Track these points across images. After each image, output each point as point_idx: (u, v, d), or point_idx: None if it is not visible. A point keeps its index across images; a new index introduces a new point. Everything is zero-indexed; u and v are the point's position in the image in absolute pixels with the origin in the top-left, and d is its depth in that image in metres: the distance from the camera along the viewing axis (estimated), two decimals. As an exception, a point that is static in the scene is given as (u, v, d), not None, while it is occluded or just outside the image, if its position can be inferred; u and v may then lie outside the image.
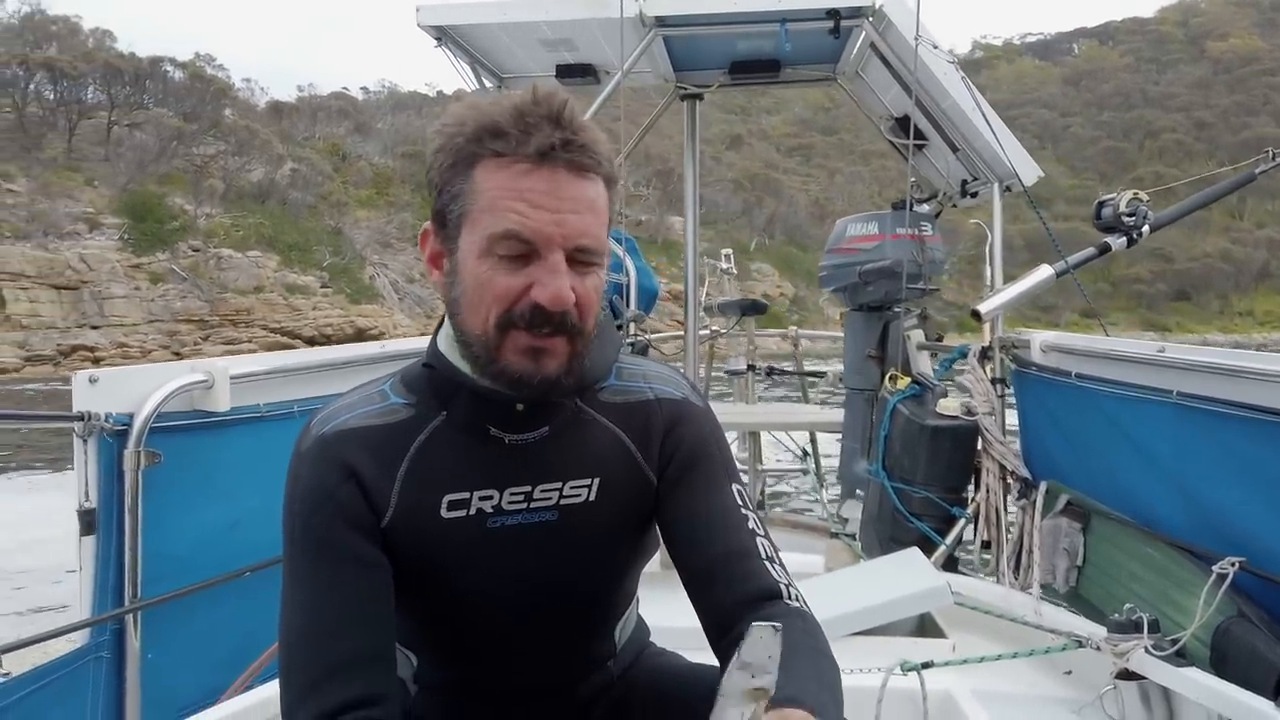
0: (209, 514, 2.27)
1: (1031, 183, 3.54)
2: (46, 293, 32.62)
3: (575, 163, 1.00)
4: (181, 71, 45.57)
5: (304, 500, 1.07)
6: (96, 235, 35.17)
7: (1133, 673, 2.05)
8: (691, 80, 4.31)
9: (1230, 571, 2.09)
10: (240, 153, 43.00)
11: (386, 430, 1.10)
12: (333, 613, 1.04)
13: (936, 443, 3.27)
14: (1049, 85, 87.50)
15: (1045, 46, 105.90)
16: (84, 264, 33.40)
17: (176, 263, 35.38)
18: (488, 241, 1.00)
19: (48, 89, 41.47)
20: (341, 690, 1.01)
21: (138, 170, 38.37)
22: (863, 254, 3.93)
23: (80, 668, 1.97)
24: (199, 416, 2.20)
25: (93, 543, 2.02)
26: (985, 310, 3.20)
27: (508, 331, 1.01)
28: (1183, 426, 2.39)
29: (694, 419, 1.20)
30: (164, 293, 34.58)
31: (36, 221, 33.33)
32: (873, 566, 3.08)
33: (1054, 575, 2.89)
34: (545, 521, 1.13)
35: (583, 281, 1.02)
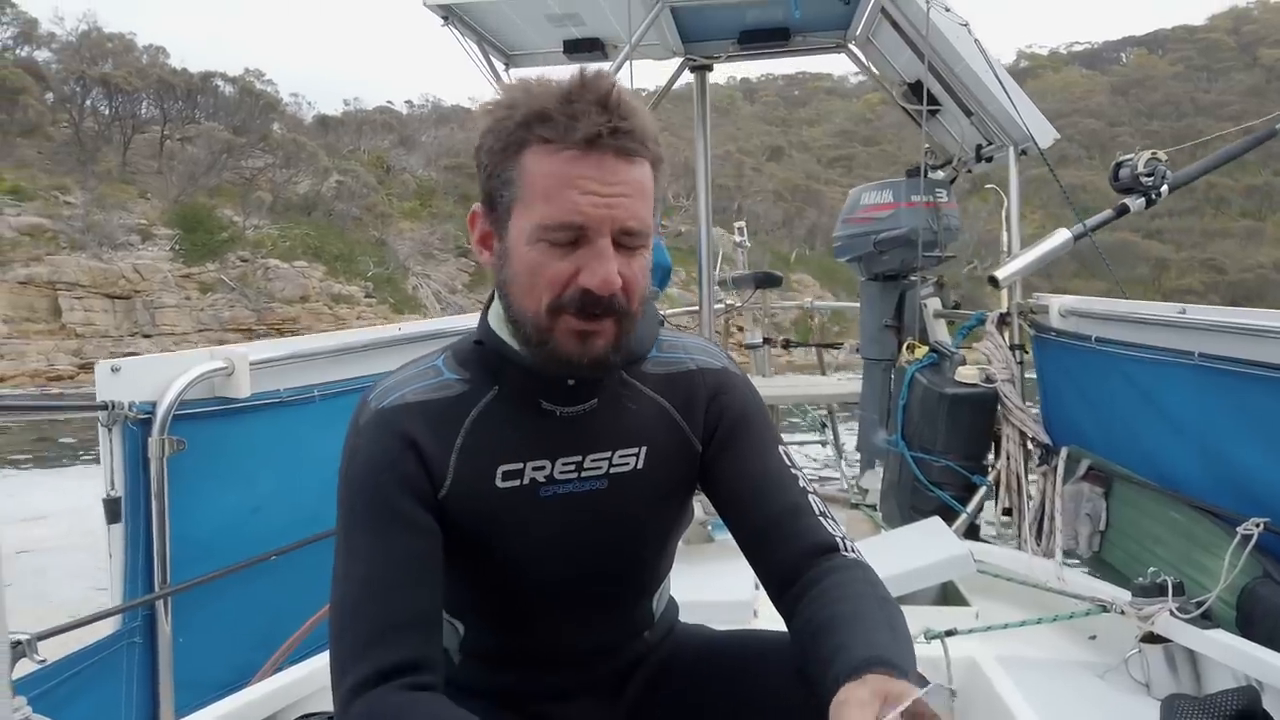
0: (232, 499, 2.29)
1: (1048, 145, 3.50)
2: (101, 302, 33.32)
3: (623, 148, 1.02)
4: (232, 86, 46.39)
5: (365, 468, 1.10)
6: (149, 246, 35.98)
7: (1158, 636, 2.05)
8: (700, 51, 4.27)
9: (1255, 532, 2.08)
10: (288, 165, 43.75)
11: (442, 404, 1.14)
12: (388, 576, 1.06)
13: (956, 411, 3.25)
14: (1097, 94, 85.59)
15: (1093, 55, 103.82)
16: (137, 274, 34.15)
17: (225, 273, 36.01)
18: (538, 229, 1.02)
19: (103, 104, 42.47)
20: (391, 652, 1.03)
21: (189, 183, 39.24)
22: (877, 223, 3.90)
23: (114, 653, 2.01)
24: (221, 403, 2.22)
25: (120, 530, 2.04)
26: (1003, 276, 3.17)
27: (559, 315, 1.04)
28: (1204, 388, 2.37)
29: (736, 387, 1.24)
30: (213, 302, 35.23)
31: (92, 233, 34.13)
32: (894, 536, 3.08)
33: (1076, 541, 2.88)
34: (595, 490, 1.16)
35: (629, 264, 1.04)
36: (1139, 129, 70.99)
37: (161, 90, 43.26)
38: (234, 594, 2.26)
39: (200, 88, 44.58)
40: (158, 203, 38.15)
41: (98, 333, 32.77)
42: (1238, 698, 1.76)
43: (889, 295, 4.00)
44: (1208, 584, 2.15)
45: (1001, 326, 3.37)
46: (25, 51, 45.01)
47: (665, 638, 1.34)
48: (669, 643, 1.34)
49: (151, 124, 43.52)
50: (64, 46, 47.53)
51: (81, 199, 35.76)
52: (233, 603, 2.26)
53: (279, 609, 2.29)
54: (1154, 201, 3.24)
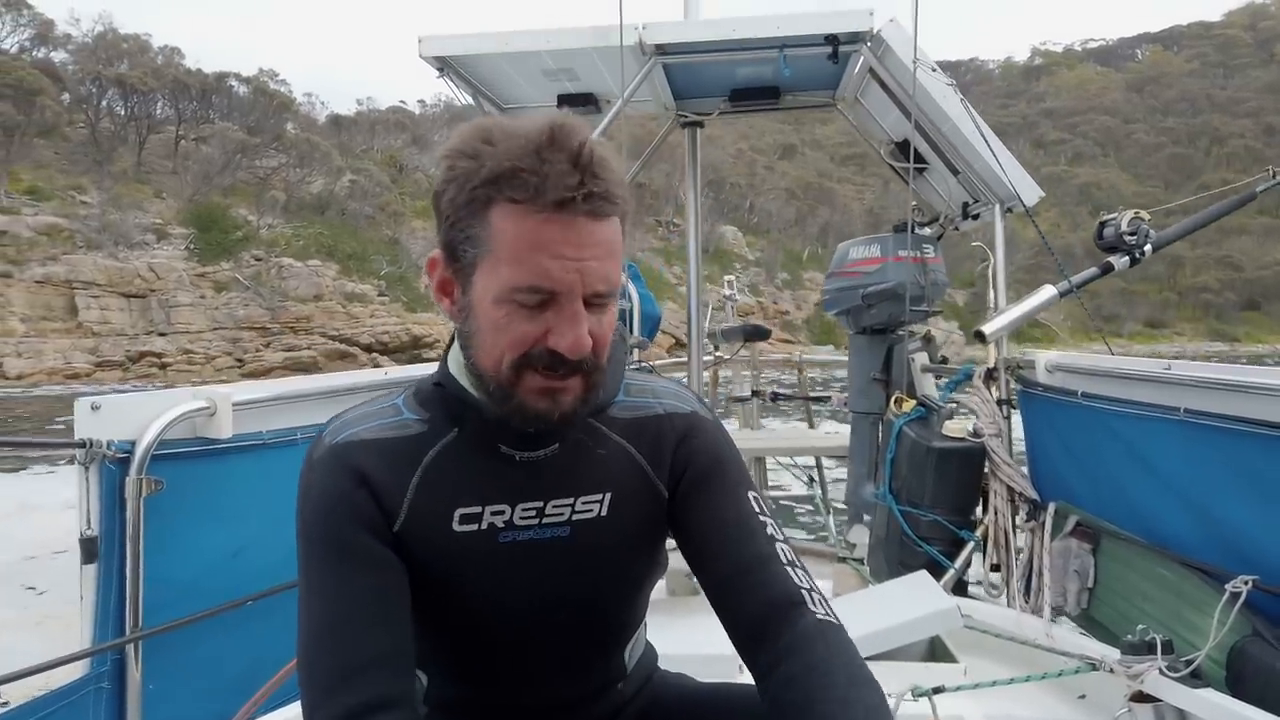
0: (212, 541, 2.25)
1: (1033, 203, 3.55)
2: (116, 300, 33.68)
3: (595, 210, 0.99)
4: (246, 87, 47.03)
5: (317, 504, 1.08)
6: (164, 245, 36.44)
7: (1147, 695, 2.02)
8: (692, 108, 4.34)
9: (1244, 590, 2.06)
10: (301, 165, 44.32)
11: (399, 442, 1.12)
12: (349, 614, 1.04)
13: (943, 465, 3.25)
14: (1111, 92, 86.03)
15: (1107, 52, 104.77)
16: (152, 273, 34.58)
17: (240, 272, 36.34)
18: (507, 289, 1.00)
19: (119, 104, 42.88)
20: (358, 692, 1.00)
21: (203, 182, 39.79)
22: (865, 277, 3.93)
23: (80, 699, 1.95)
24: (201, 444, 2.20)
25: (94, 571, 2.00)
26: (989, 331, 3.19)
27: (523, 372, 1.02)
28: (1191, 443, 2.37)
29: (705, 431, 1.21)
30: (228, 301, 35.48)
31: (108, 232, 34.69)
32: (882, 590, 3.05)
33: (1065, 597, 2.86)
34: (558, 537, 1.13)
35: (599, 321, 1.03)
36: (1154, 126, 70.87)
37: (176, 90, 44.06)
38: (209, 639, 2.21)
39: (215, 88, 45.34)
40: (173, 202, 38.81)
41: (114, 331, 33.00)
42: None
43: (877, 349, 4.02)
44: (1197, 642, 2.13)
45: (989, 381, 3.38)
46: (42, 53, 46.06)
47: (641, 689, 1.30)
48: (645, 694, 1.30)
49: (166, 124, 44.34)
50: (80, 47, 48.49)
51: (97, 199, 36.60)
52: (208, 648, 2.21)
53: (256, 656, 2.24)
54: (1137, 260, 3.29)
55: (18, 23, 45.09)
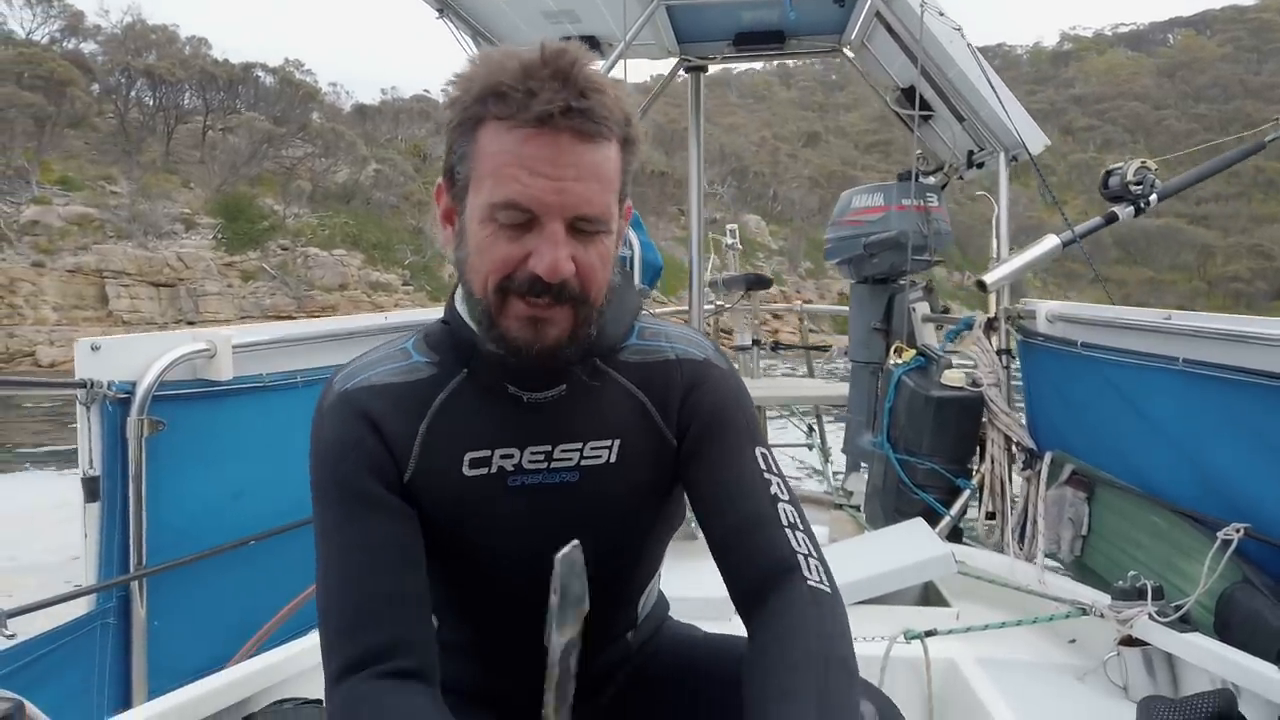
0: (213, 483, 2.27)
1: (1038, 151, 3.51)
2: (146, 289, 33.96)
3: (580, 129, 0.97)
4: (272, 76, 46.98)
5: (329, 452, 1.08)
6: (192, 235, 36.62)
7: (1136, 639, 2.05)
8: (695, 52, 4.27)
9: (1235, 538, 2.08)
10: (327, 154, 44.43)
11: (409, 387, 1.11)
12: (364, 561, 1.04)
13: (941, 414, 3.26)
14: (1142, 77, 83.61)
15: (1138, 37, 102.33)
16: (180, 262, 34.82)
17: (266, 261, 36.55)
18: (489, 208, 0.99)
19: (147, 95, 43.03)
20: (373, 636, 1.01)
21: (230, 172, 39.93)
22: (867, 225, 3.91)
23: (86, 634, 1.98)
24: (202, 385, 2.20)
25: (97, 510, 2.02)
26: (991, 280, 3.18)
27: (507, 297, 1.01)
28: (1188, 393, 2.38)
29: (714, 381, 1.17)
30: (254, 290, 35.71)
31: (137, 222, 34.70)
32: (877, 537, 3.08)
33: (1059, 545, 2.89)
34: (566, 482, 1.12)
35: (585, 250, 1.00)
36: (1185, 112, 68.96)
37: (204, 81, 44.05)
38: (212, 579, 2.24)
39: (241, 78, 45.28)
40: (200, 192, 38.93)
41: (143, 320, 33.40)
42: (1214, 700, 1.77)
43: (878, 299, 4.00)
44: (1187, 588, 2.16)
45: (989, 331, 3.38)
46: (72, 44, 46.13)
47: (650, 639, 1.30)
48: (651, 645, 1.30)
49: (194, 114, 44.28)
50: (109, 38, 48.48)
51: (127, 189, 36.44)
52: (211, 587, 2.24)
53: (258, 595, 2.27)
54: (1142, 210, 3.26)
55: (48, 14, 45.18)
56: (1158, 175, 3.22)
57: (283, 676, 1.82)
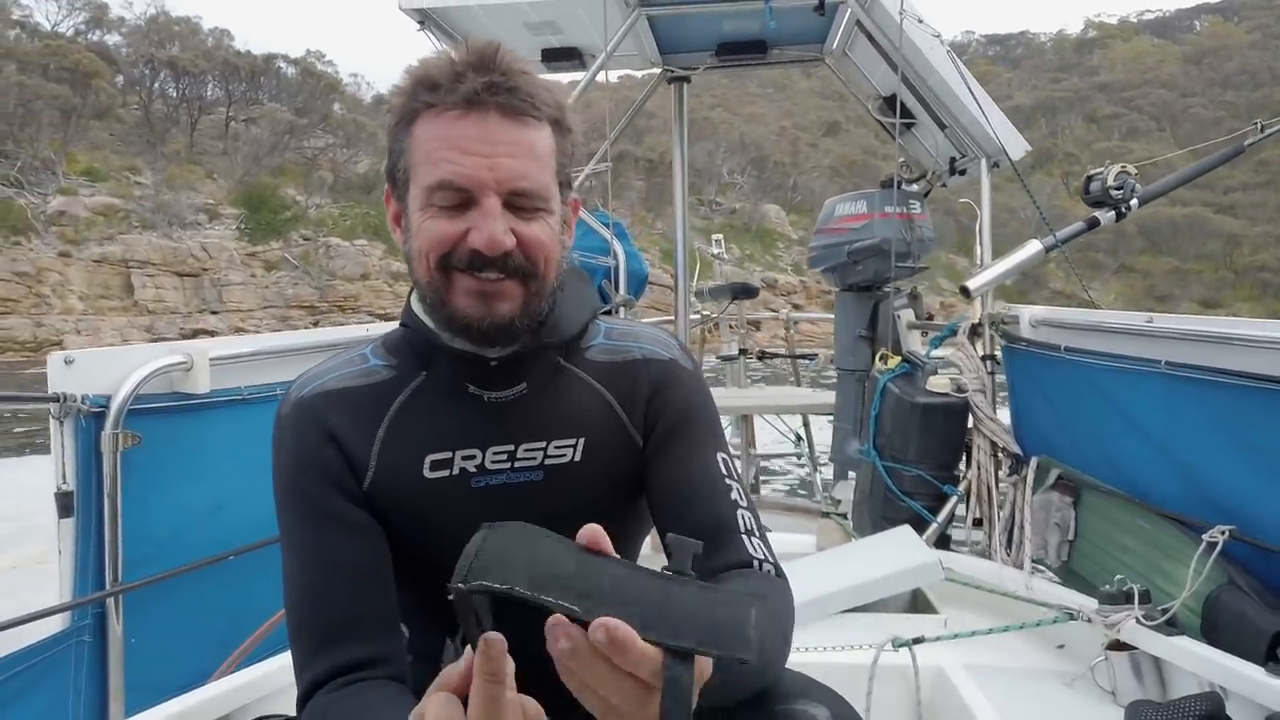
0: (191, 497, 2.24)
1: (1018, 157, 3.52)
2: (171, 279, 34.23)
3: (507, 105, 0.99)
4: (294, 68, 47.17)
5: (288, 466, 1.08)
6: (216, 225, 37.02)
7: (1124, 643, 2.05)
8: (678, 62, 4.29)
9: (1220, 540, 2.08)
10: (348, 145, 44.71)
11: (366, 391, 1.10)
12: (327, 577, 1.04)
13: (927, 420, 3.26)
14: (1168, 64, 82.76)
15: (1164, 24, 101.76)
16: (204, 252, 35.14)
17: (289, 251, 36.77)
18: (426, 193, 1.00)
19: (171, 86, 43.24)
20: (339, 654, 1.01)
21: (253, 163, 40.26)
22: (851, 233, 3.92)
23: (61, 652, 1.95)
24: (179, 399, 2.18)
25: (71, 525, 1.99)
26: (974, 286, 3.18)
27: (450, 274, 1.01)
28: (1171, 396, 2.38)
29: (680, 381, 1.17)
30: (277, 280, 35.91)
31: (161, 212, 35.34)
32: (865, 545, 3.06)
33: (1046, 550, 2.88)
34: (531, 482, 1.10)
35: (527, 226, 1.01)
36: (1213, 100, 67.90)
37: (226, 72, 44.60)
38: (190, 595, 2.21)
39: (263, 69, 45.64)
40: (224, 183, 39.44)
41: (168, 309, 33.59)
42: (1202, 703, 1.76)
43: (863, 306, 4.01)
44: (1174, 592, 2.16)
45: (973, 337, 3.38)
46: (96, 36, 46.40)
47: None
48: None
49: (217, 105, 44.90)
50: (133, 30, 49.14)
51: (151, 179, 37.19)
52: (189, 604, 2.21)
53: (237, 612, 2.24)
54: (1123, 215, 3.27)
55: (73, 6, 45.73)
56: (1138, 180, 3.23)
57: (262, 693, 1.80)
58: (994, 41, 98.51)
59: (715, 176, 48.22)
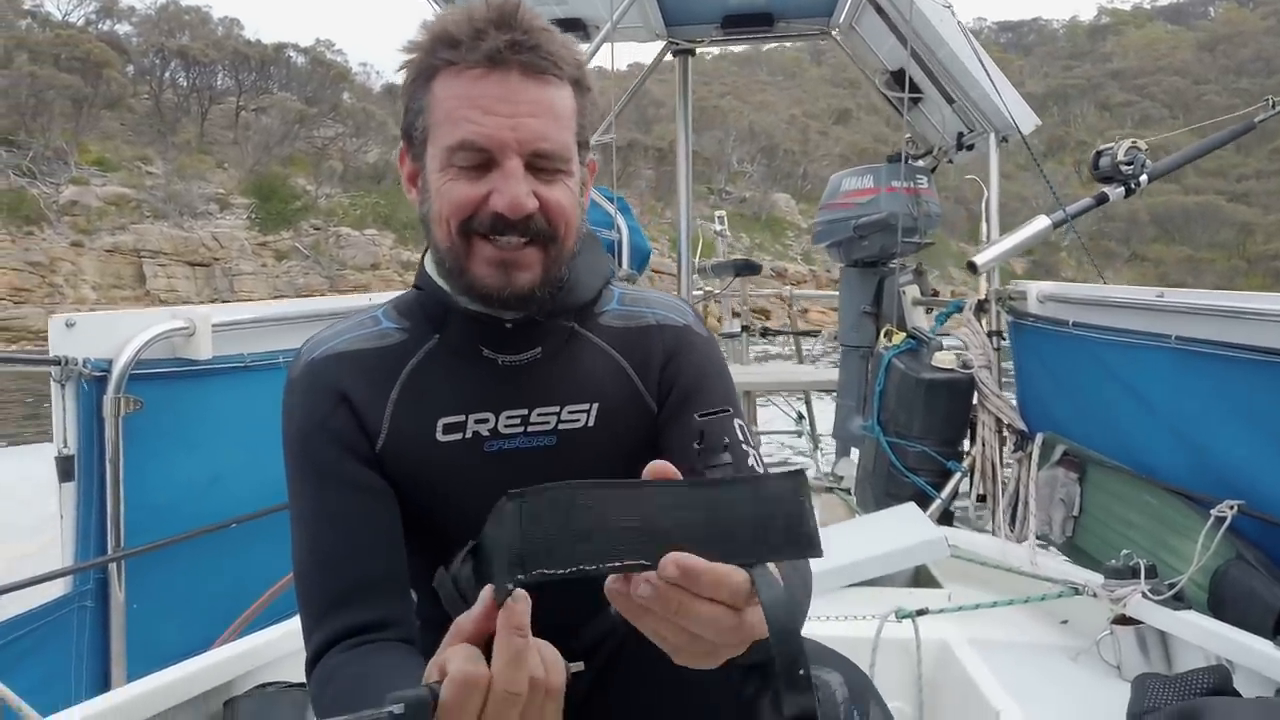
0: (193, 464, 2.23)
1: (1029, 130, 3.49)
2: (182, 269, 34.44)
3: (529, 64, 0.97)
4: (303, 57, 47.29)
5: (299, 428, 1.06)
6: (227, 215, 37.13)
7: (1129, 618, 2.04)
8: (683, 35, 4.24)
9: (1229, 515, 2.07)
10: (358, 134, 44.93)
11: (378, 353, 1.09)
12: (337, 541, 1.03)
13: (932, 396, 3.24)
14: (1182, 51, 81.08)
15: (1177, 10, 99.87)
16: (215, 242, 35.35)
17: (299, 241, 36.98)
18: (446, 153, 0.98)
19: (181, 76, 43.47)
20: (349, 616, 1.00)
21: (263, 153, 40.39)
22: (857, 208, 3.88)
23: (63, 616, 1.94)
24: (181, 364, 2.16)
25: (73, 490, 1.98)
26: (981, 262, 3.16)
27: (471, 240, 0.99)
28: (1181, 371, 2.36)
29: (695, 348, 1.16)
30: (288, 269, 36.10)
31: (173, 202, 35.09)
32: (869, 521, 3.05)
33: (1050, 526, 2.88)
34: (544, 447, 1.09)
35: (548, 189, 0.99)
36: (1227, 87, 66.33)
37: (236, 61, 44.62)
38: (193, 561, 2.20)
39: (273, 58, 45.64)
40: (234, 172, 39.59)
41: (180, 299, 34.11)
42: (1209, 676, 1.75)
43: (868, 282, 3.98)
44: (1180, 567, 2.15)
45: (979, 313, 3.36)
46: (107, 25, 46.59)
47: None
48: None
49: (227, 95, 44.73)
50: (143, 20, 49.50)
51: (162, 169, 36.89)
52: (192, 570, 2.20)
53: (241, 579, 2.24)
54: (1133, 191, 3.25)
55: None
56: (1148, 155, 3.20)
57: (265, 660, 1.79)
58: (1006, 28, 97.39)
59: (724, 165, 47.93)
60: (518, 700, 0.69)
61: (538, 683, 0.71)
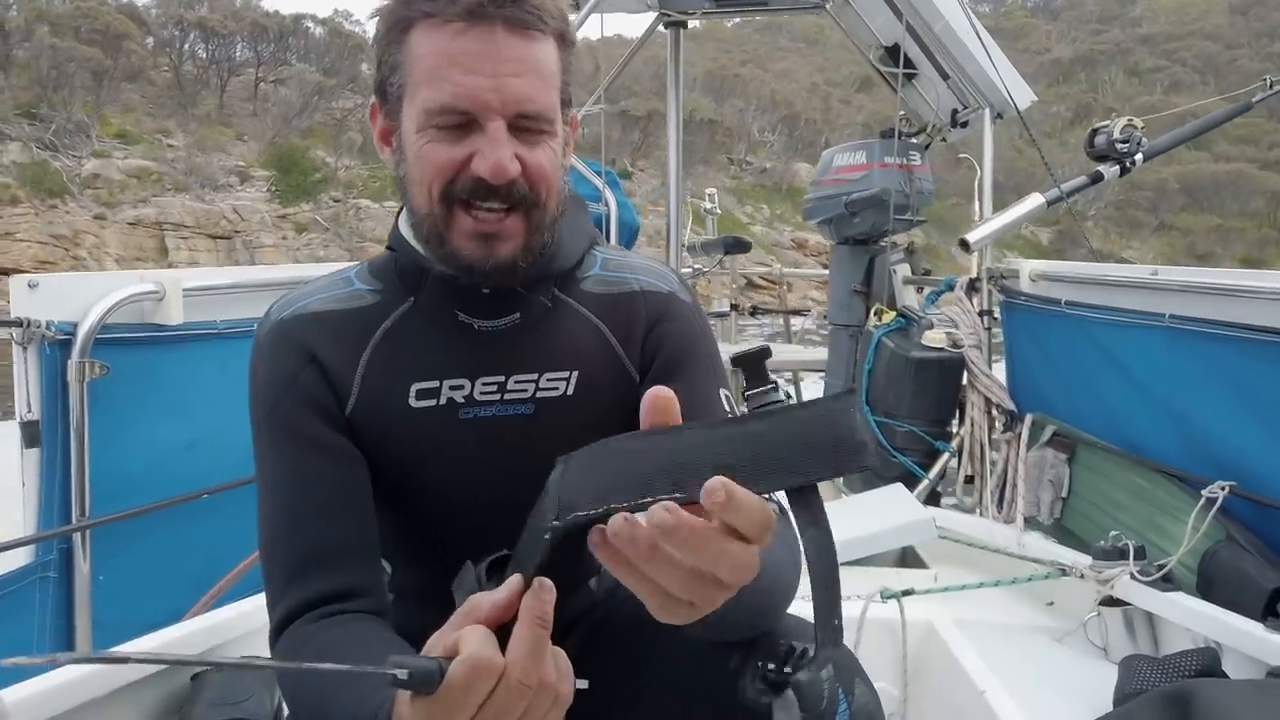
0: (164, 433, 2.17)
1: (1025, 107, 3.44)
2: (204, 241, 34.64)
3: (513, 18, 0.92)
4: (322, 28, 47.18)
5: (266, 389, 1.03)
6: (247, 187, 37.15)
7: (1117, 599, 2.02)
8: (675, 6, 4.16)
9: (1220, 495, 2.05)
10: None
11: (350, 315, 1.05)
12: (304, 504, 1.00)
13: (922, 375, 3.21)
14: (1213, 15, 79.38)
15: None
16: (236, 215, 35.48)
17: (319, 213, 37.07)
18: (424, 115, 0.94)
19: (200, 48, 43.37)
20: (320, 583, 0.96)
21: (283, 125, 40.38)
22: (849, 184, 3.83)
23: (25, 587, 1.89)
24: (150, 330, 2.10)
25: (36, 456, 1.92)
26: (974, 240, 3.12)
27: (453, 209, 0.96)
28: (1175, 350, 2.33)
29: (680, 315, 1.12)
30: (308, 242, 36.35)
31: (194, 175, 35.10)
32: (855, 501, 3.02)
33: (1038, 508, 2.85)
34: (521, 415, 1.06)
35: (531, 152, 0.95)
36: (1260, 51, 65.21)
37: (255, 33, 44.55)
38: (163, 533, 2.15)
39: (292, 29, 45.50)
40: (254, 145, 39.80)
41: None
42: (1197, 658, 1.73)
43: (858, 260, 3.94)
44: (1169, 548, 2.13)
45: (970, 292, 3.32)
46: None
47: (616, 586, 1.23)
48: (620, 594, 1.23)
49: (246, 67, 44.73)
50: None
51: (183, 141, 36.77)
52: (162, 542, 2.15)
53: (213, 552, 2.18)
54: (1128, 170, 3.22)
55: None
56: (1144, 134, 3.16)
57: (236, 634, 1.74)
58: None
59: (745, 135, 47.57)
60: (526, 694, 0.66)
61: (548, 684, 0.68)
